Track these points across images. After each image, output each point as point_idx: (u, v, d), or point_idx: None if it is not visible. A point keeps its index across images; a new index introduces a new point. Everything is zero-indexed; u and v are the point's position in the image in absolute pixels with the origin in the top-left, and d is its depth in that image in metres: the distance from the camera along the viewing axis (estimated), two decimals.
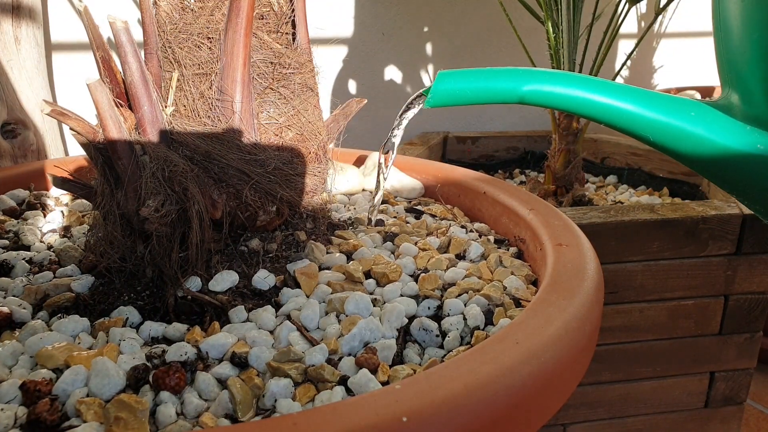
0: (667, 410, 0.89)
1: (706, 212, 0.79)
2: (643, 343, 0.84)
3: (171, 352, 0.35)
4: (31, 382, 0.31)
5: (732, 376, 0.88)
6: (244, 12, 0.41)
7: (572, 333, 0.33)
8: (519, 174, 1.25)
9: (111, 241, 0.42)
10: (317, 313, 0.39)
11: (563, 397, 0.32)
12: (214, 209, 0.42)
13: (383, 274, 0.44)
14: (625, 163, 1.17)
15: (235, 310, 0.40)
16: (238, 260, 0.43)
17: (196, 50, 0.42)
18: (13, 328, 0.38)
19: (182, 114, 0.43)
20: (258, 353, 0.35)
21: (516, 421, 0.28)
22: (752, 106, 0.47)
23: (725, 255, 0.81)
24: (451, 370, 0.29)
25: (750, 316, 0.85)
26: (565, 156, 1.01)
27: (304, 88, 0.46)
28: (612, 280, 0.79)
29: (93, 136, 0.41)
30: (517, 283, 0.43)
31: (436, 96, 0.49)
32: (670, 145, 0.49)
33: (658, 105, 0.48)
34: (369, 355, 0.35)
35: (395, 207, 0.60)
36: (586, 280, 0.38)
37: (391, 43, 1.29)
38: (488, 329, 0.39)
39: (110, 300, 0.41)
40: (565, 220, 0.47)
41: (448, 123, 1.37)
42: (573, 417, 0.87)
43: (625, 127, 0.50)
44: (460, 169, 0.63)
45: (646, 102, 0.48)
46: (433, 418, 0.26)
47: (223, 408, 0.31)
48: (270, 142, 0.44)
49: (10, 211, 0.57)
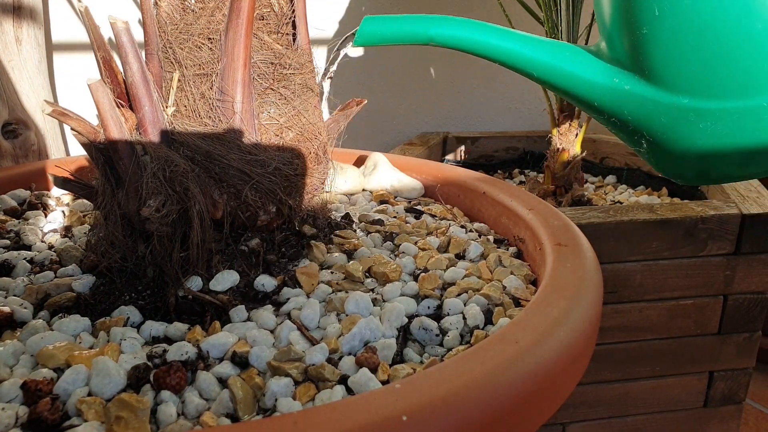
0: (667, 410, 0.89)
1: (705, 212, 0.79)
2: (642, 343, 0.84)
3: (172, 352, 0.35)
4: (32, 381, 0.31)
5: (731, 375, 0.89)
6: (244, 13, 0.41)
7: (571, 332, 0.33)
8: (518, 174, 1.25)
9: (112, 240, 0.42)
10: (317, 312, 0.39)
11: (563, 396, 0.33)
12: (214, 209, 0.42)
13: (383, 274, 0.44)
14: (624, 163, 1.17)
15: (235, 309, 0.40)
16: (239, 260, 0.43)
17: (196, 51, 0.42)
18: (14, 328, 0.38)
19: (183, 114, 0.43)
20: (258, 352, 0.35)
21: (516, 420, 0.29)
22: (613, 49, 0.57)
23: (724, 255, 0.81)
24: (451, 369, 0.29)
25: (749, 316, 0.85)
26: (564, 156, 1.01)
27: (304, 88, 0.46)
28: (611, 279, 0.79)
29: (94, 137, 0.41)
30: (517, 283, 0.44)
31: (362, 37, 0.59)
32: (549, 80, 0.59)
33: (540, 47, 0.58)
34: (369, 354, 0.35)
35: (395, 207, 0.60)
36: (586, 279, 0.38)
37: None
38: (488, 329, 0.39)
39: (111, 299, 0.41)
40: (565, 220, 0.48)
41: (448, 123, 1.37)
42: (572, 416, 0.87)
43: (514, 65, 0.59)
44: (460, 169, 0.63)
45: (531, 45, 0.58)
46: (433, 416, 0.26)
47: (224, 407, 0.31)
48: (270, 143, 0.44)
49: (11, 211, 0.57)
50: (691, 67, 0.52)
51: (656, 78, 0.54)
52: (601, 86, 0.58)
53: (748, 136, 0.53)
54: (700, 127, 0.54)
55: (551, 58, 0.58)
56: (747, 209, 0.80)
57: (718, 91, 0.52)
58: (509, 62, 0.59)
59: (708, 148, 0.55)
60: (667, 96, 0.54)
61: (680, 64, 0.52)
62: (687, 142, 0.56)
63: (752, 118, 0.52)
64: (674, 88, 0.54)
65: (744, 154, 0.55)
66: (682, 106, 0.53)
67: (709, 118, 0.53)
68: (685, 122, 0.54)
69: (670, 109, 0.54)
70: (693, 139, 0.55)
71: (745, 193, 0.86)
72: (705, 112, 0.53)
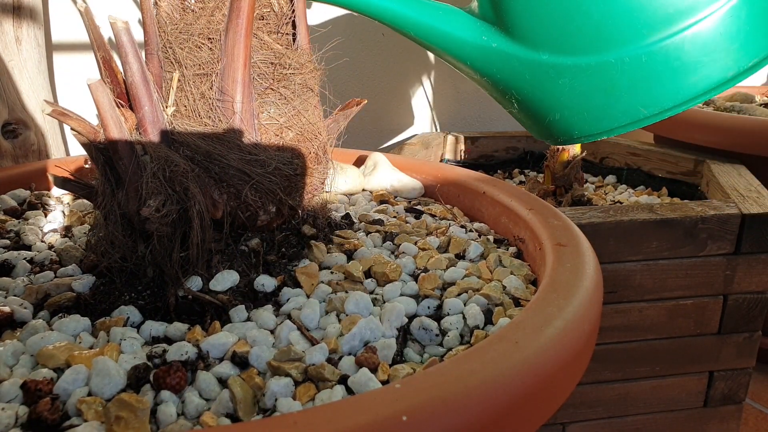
0: (666, 409, 0.89)
1: (705, 212, 0.79)
2: (642, 343, 0.84)
3: (172, 352, 0.35)
4: (32, 381, 0.31)
5: (731, 375, 0.88)
6: (244, 13, 0.41)
7: (571, 332, 0.33)
8: (518, 174, 1.25)
9: (112, 240, 0.42)
10: (317, 312, 0.39)
11: (562, 396, 0.33)
12: (214, 209, 0.42)
13: (383, 274, 0.44)
14: (624, 163, 1.17)
15: (235, 309, 0.40)
16: (239, 260, 0.43)
17: (196, 51, 0.42)
18: (14, 328, 0.38)
19: (183, 114, 0.43)
20: (258, 352, 0.35)
21: (515, 420, 0.29)
22: (481, 6, 0.61)
23: (724, 255, 0.81)
24: (450, 370, 0.29)
25: (749, 316, 0.85)
26: (564, 156, 1.01)
27: (304, 88, 0.46)
28: (611, 279, 0.79)
29: (94, 136, 0.41)
30: (517, 283, 0.44)
31: None
32: (426, 40, 0.62)
33: (417, 7, 0.61)
34: (369, 354, 0.35)
35: (395, 207, 0.60)
36: (585, 279, 0.38)
37: (391, 43, 1.29)
38: (488, 328, 0.39)
39: (111, 299, 0.41)
40: (565, 220, 0.48)
41: (448, 123, 1.37)
42: (572, 416, 0.87)
43: (392, 24, 0.62)
44: (460, 169, 0.63)
45: (408, 4, 0.61)
46: (432, 417, 0.26)
47: (224, 407, 0.31)
48: (270, 143, 0.44)
49: (11, 211, 0.57)
50: (547, 22, 0.54)
51: (518, 35, 0.57)
52: (471, 45, 0.60)
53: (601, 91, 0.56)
54: (560, 84, 0.56)
55: (427, 17, 0.60)
56: (747, 209, 0.80)
57: (572, 47, 0.54)
58: (388, 21, 0.61)
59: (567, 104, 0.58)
60: (528, 52, 0.57)
61: (537, 20, 0.55)
62: (550, 99, 0.58)
63: (602, 73, 0.54)
64: (534, 45, 0.56)
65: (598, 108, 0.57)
66: (542, 62, 0.56)
67: (567, 74, 0.55)
68: (547, 78, 0.57)
69: (532, 65, 0.57)
70: (554, 95, 0.57)
71: (745, 193, 0.86)
72: (563, 68, 0.55)
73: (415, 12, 0.60)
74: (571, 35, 0.54)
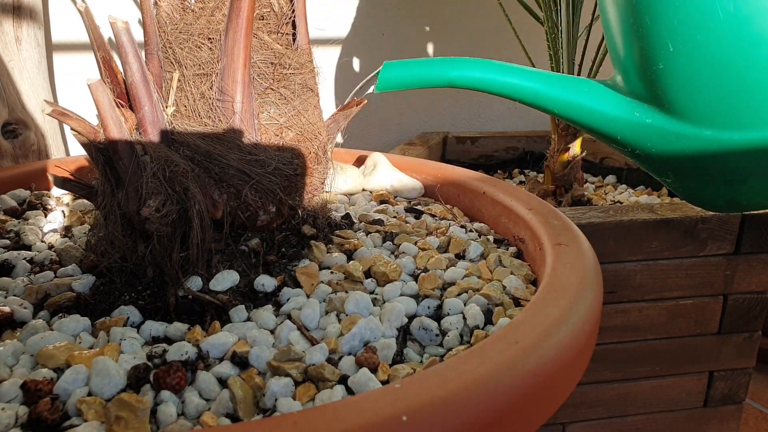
0: (666, 409, 0.89)
1: (704, 212, 0.79)
2: (642, 343, 0.84)
3: (172, 352, 0.35)
4: (32, 381, 0.31)
5: (731, 375, 0.89)
6: (244, 13, 0.41)
7: (571, 332, 0.33)
8: (518, 174, 1.25)
9: (112, 240, 0.42)
10: (317, 312, 0.39)
11: (562, 396, 0.33)
12: (214, 209, 0.42)
13: (383, 274, 0.44)
14: (624, 162, 1.17)
15: (235, 309, 0.40)
16: (239, 260, 0.43)
17: (196, 51, 0.42)
18: (14, 328, 0.38)
19: (183, 114, 0.43)
20: (258, 352, 0.35)
21: (515, 420, 0.29)
22: (629, 83, 0.58)
23: (724, 255, 0.81)
24: (450, 369, 0.29)
25: (749, 316, 0.85)
26: (564, 156, 1.01)
27: (304, 88, 0.46)
28: (611, 279, 0.79)
29: (94, 137, 0.41)
30: (517, 283, 0.44)
31: (383, 82, 0.60)
32: (569, 116, 0.60)
33: (558, 84, 0.59)
34: (369, 354, 0.35)
35: (395, 207, 0.60)
36: (586, 279, 0.38)
37: (391, 44, 1.29)
38: (488, 328, 0.39)
39: (111, 299, 0.41)
40: (565, 220, 0.48)
41: (448, 123, 1.37)
42: (572, 416, 0.87)
43: (534, 103, 0.60)
44: (460, 169, 0.63)
45: (549, 82, 0.59)
46: (433, 417, 0.26)
47: (224, 407, 0.31)
48: (270, 143, 0.44)
49: (11, 211, 0.57)
50: (710, 99, 0.52)
51: (677, 111, 0.54)
52: (622, 121, 0.57)
53: None
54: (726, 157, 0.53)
55: (570, 94, 0.58)
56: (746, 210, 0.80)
57: (739, 122, 0.52)
58: (529, 100, 0.59)
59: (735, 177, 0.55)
60: (689, 128, 0.54)
61: (699, 97, 0.52)
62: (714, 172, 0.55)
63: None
64: (696, 121, 0.53)
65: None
66: (706, 137, 0.53)
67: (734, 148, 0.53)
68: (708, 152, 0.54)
69: (694, 141, 0.54)
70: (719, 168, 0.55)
71: None
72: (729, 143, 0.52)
73: (559, 91, 0.58)
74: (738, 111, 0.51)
